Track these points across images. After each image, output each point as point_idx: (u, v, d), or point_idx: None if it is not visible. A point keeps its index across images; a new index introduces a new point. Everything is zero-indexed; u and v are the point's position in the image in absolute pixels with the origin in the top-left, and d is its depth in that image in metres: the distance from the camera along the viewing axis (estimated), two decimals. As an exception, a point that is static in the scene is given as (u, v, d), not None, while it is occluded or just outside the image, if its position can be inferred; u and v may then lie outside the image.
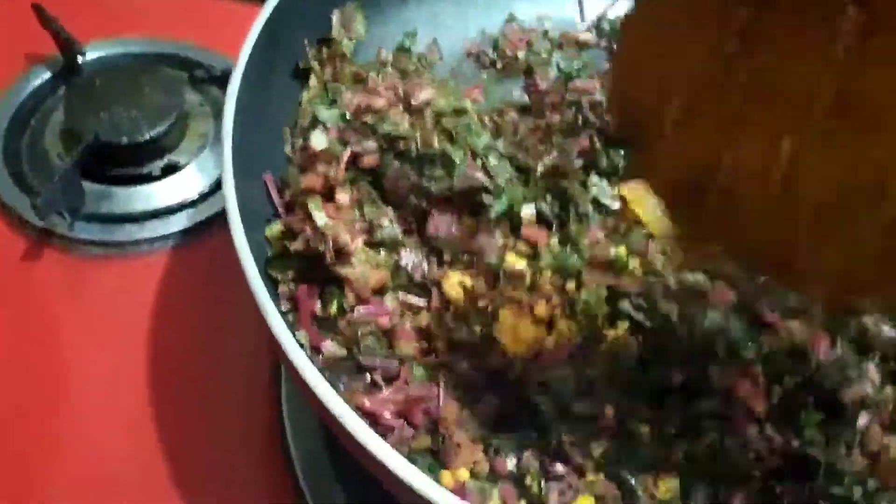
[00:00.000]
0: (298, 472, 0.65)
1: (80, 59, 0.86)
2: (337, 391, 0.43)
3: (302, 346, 0.49)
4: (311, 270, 0.54)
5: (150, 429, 0.66)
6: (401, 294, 0.52)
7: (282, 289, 0.55)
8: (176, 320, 0.72)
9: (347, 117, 0.59)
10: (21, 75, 0.86)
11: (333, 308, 0.52)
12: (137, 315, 0.72)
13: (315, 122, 0.60)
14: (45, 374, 0.69)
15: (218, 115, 0.83)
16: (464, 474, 0.48)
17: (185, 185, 0.79)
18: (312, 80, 0.63)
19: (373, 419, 0.47)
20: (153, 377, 0.69)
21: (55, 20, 0.83)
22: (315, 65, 0.63)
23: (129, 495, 0.63)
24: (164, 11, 0.92)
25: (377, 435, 0.42)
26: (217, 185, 0.79)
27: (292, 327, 0.50)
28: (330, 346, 0.52)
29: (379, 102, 0.58)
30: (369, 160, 0.55)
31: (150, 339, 0.71)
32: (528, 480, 0.49)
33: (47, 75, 0.86)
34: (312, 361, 0.44)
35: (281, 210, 0.57)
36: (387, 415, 0.49)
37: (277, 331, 0.45)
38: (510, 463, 0.49)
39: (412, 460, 0.42)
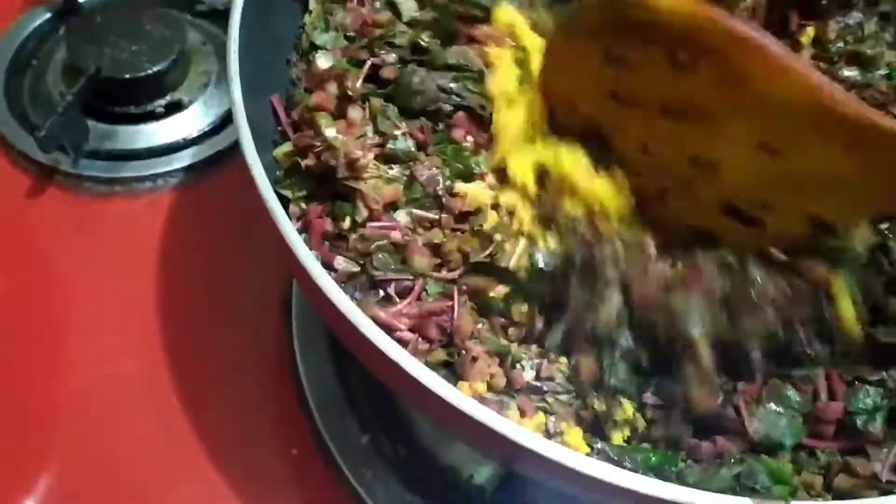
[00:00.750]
0: (311, 404, 0.64)
1: (78, -2, 0.84)
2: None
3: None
4: (321, 188, 0.53)
5: (159, 365, 0.65)
6: (414, 209, 0.51)
7: (292, 209, 0.54)
8: (182, 257, 0.71)
9: (347, 34, 0.57)
10: (20, 16, 0.84)
11: (346, 224, 0.51)
12: (143, 252, 0.71)
13: (314, 47, 0.59)
14: (49, 311, 0.68)
15: (220, 53, 0.81)
16: (481, 387, 0.47)
17: (189, 123, 0.78)
18: (312, 3, 0.61)
19: (387, 331, 0.46)
20: (160, 314, 0.68)
21: (54, -42, 0.82)
22: None
23: (138, 424, 0.63)
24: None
25: (395, 342, 0.41)
26: (221, 124, 0.78)
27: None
28: (342, 263, 0.50)
29: (383, 16, 0.57)
30: (388, 72, 0.54)
31: (157, 276, 0.70)
32: (546, 394, 0.48)
33: (47, 15, 0.84)
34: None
35: (289, 130, 0.56)
36: (402, 328, 0.48)
37: (291, 240, 0.44)
38: (528, 375, 0.48)
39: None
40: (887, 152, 0.40)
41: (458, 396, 0.39)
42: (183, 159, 0.76)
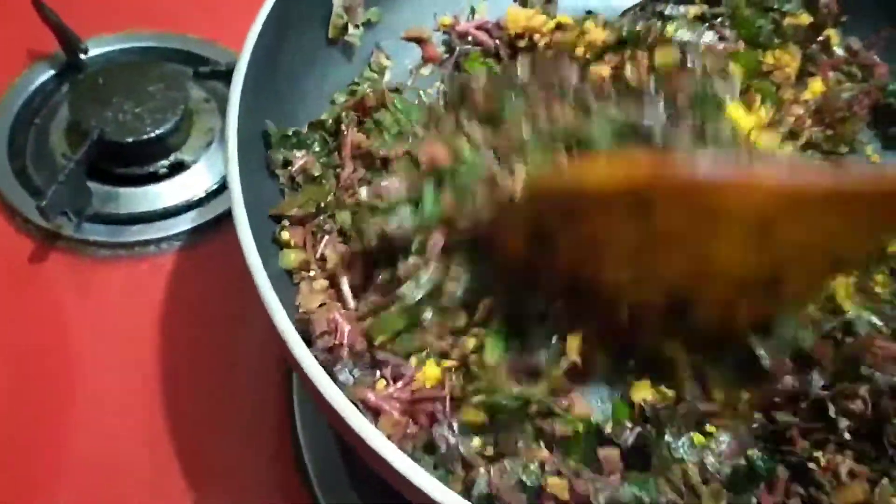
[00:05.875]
0: (312, 476, 0.64)
1: (82, 55, 0.84)
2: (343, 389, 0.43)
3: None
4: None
5: (161, 430, 0.65)
6: None
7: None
8: (185, 320, 0.71)
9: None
10: (24, 73, 0.85)
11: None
12: (146, 316, 0.71)
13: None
14: (55, 376, 0.68)
15: (223, 110, 0.81)
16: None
17: (192, 183, 0.78)
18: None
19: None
20: (163, 378, 0.68)
21: (56, 16, 0.82)
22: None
23: (135, 489, 0.63)
24: (166, 5, 0.91)
25: (383, 435, 0.41)
26: (224, 184, 0.78)
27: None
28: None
29: None
30: None
31: (160, 340, 0.70)
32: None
33: (50, 73, 0.85)
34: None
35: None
36: (392, 412, 0.49)
37: (283, 328, 0.44)
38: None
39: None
40: (875, 200, 0.41)
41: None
42: (186, 222, 0.76)
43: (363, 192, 0.57)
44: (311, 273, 0.56)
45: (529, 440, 0.49)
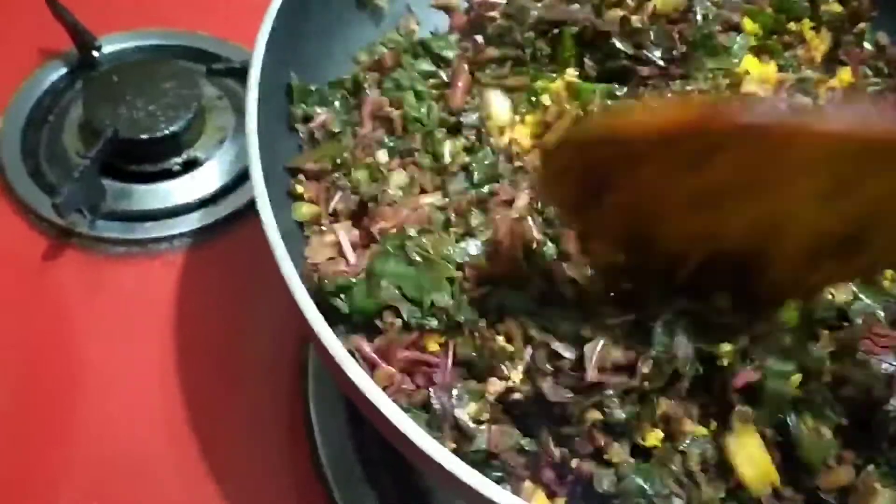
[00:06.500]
0: (326, 470, 0.63)
1: (95, 53, 0.84)
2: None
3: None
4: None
5: (174, 423, 0.65)
6: None
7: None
8: (198, 317, 0.71)
9: None
10: (37, 71, 0.85)
11: None
12: (160, 312, 0.71)
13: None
14: (68, 372, 0.68)
15: (237, 108, 0.82)
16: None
17: (205, 180, 0.78)
18: None
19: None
20: (176, 375, 0.68)
21: (70, 14, 0.82)
22: None
23: (153, 487, 0.63)
24: (180, 2, 0.91)
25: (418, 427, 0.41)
26: (238, 180, 0.78)
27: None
28: None
29: None
30: None
31: (174, 337, 0.70)
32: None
33: (63, 70, 0.85)
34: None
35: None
36: (390, 368, 0.49)
37: (305, 307, 0.44)
38: None
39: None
40: None
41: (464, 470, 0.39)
42: (199, 219, 0.76)
43: (380, 155, 0.58)
44: (323, 227, 0.57)
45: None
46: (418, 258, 0.50)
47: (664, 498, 0.45)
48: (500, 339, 0.48)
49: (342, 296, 0.51)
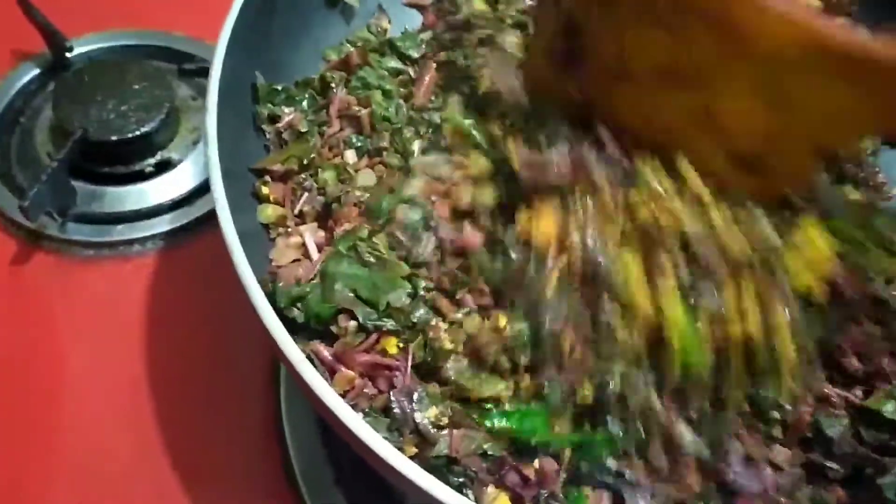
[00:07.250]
0: (298, 476, 0.63)
1: (68, 54, 0.83)
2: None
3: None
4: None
5: (146, 427, 0.65)
6: None
7: None
8: (170, 320, 0.70)
9: None
10: (9, 72, 0.84)
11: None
12: (131, 315, 0.70)
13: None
14: (40, 376, 0.67)
15: (211, 108, 0.81)
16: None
17: (178, 182, 0.77)
18: None
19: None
20: (148, 376, 0.67)
21: (42, 15, 0.81)
22: None
23: (125, 492, 0.62)
24: (152, 2, 0.90)
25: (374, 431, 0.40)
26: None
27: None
28: None
29: None
30: None
31: (145, 339, 0.69)
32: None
33: (36, 72, 0.84)
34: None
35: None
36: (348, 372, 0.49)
37: (262, 312, 0.43)
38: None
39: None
40: (887, 76, 0.40)
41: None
42: (171, 220, 0.75)
43: (348, 155, 0.57)
44: (289, 229, 0.56)
45: None
46: (371, 259, 0.49)
47: None
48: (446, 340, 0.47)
49: (298, 305, 0.50)
